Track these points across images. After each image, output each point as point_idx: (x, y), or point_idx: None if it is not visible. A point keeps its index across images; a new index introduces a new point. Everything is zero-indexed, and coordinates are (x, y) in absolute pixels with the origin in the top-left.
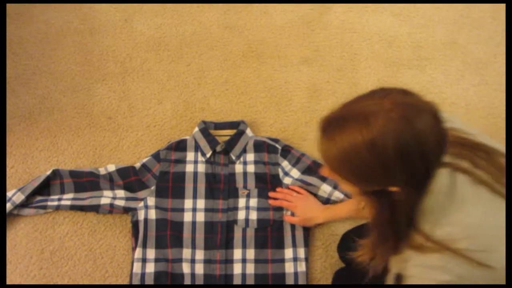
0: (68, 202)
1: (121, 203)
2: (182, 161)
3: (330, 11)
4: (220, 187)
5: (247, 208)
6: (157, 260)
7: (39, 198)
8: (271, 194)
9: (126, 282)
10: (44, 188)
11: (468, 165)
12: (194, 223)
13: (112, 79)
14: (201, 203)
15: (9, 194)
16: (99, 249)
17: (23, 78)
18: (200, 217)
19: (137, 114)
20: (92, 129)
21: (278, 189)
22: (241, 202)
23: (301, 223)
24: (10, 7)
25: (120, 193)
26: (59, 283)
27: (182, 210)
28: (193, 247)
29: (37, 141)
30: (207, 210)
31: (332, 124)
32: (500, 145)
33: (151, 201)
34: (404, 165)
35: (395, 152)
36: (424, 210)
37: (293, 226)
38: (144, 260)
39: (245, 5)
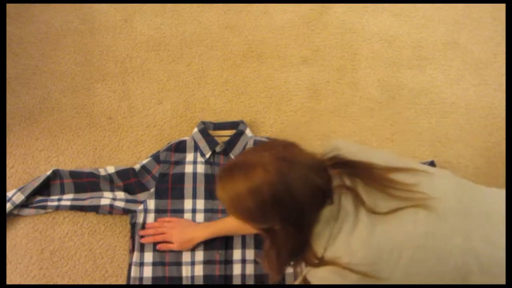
0: (68, 203)
1: (120, 204)
2: (182, 162)
3: (330, 11)
4: None
5: None
6: (154, 264)
7: (39, 198)
8: (141, 232)
9: (125, 282)
10: (44, 188)
11: (350, 183)
12: None
13: (112, 79)
14: (200, 204)
15: (9, 194)
16: (99, 249)
17: (23, 78)
18: (200, 217)
19: (137, 114)
20: (92, 129)
21: (147, 225)
22: None
23: (181, 247)
24: (10, 7)
25: (120, 194)
26: (59, 283)
27: (182, 211)
28: (193, 248)
29: (37, 141)
30: (206, 210)
31: (224, 174)
32: (380, 157)
33: (151, 204)
34: (279, 209)
35: (270, 199)
36: (315, 236)
37: None
38: (141, 264)
39: (245, 5)
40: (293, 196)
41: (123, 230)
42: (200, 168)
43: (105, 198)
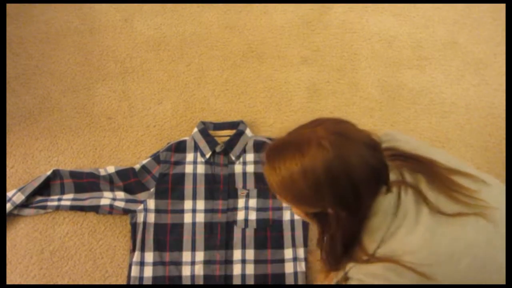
0: (68, 203)
1: (120, 204)
2: (182, 162)
3: (330, 11)
4: (220, 187)
5: (246, 208)
6: (155, 264)
7: (39, 198)
8: None
9: (126, 282)
10: (44, 188)
11: (411, 179)
12: (194, 224)
13: (112, 79)
14: (200, 204)
15: (9, 194)
16: (99, 249)
17: (23, 78)
18: (200, 218)
19: (137, 114)
20: (92, 129)
21: None
22: (241, 202)
23: None
24: (10, 7)
25: (120, 194)
26: (59, 283)
27: (182, 211)
28: (193, 249)
29: (37, 141)
30: (206, 211)
31: (273, 153)
32: (442, 157)
33: (151, 204)
34: (333, 189)
35: (324, 177)
36: (369, 230)
37: (292, 226)
38: (142, 264)
39: (245, 5)
40: (350, 174)
41: (123, 230)
42: (200, 169)
43: (105, 198)
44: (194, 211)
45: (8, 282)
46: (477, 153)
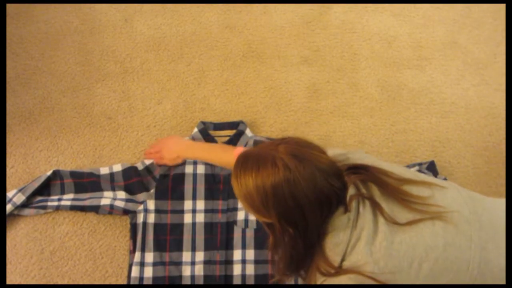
0: (68, 203)
1: (121, 204)
2: (182, 163)
3: (330, 11)
4: (220, 187)
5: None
6: (155, 264)
7: (39, 198)
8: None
9: (125, 282)
10: (44, 188)
11: (366, 192)
12: (194, 224)
13: (112, 79)
14: (200, 204)
15: (9, 194)
16: (99, 249)
17: (23, 78)
18: (200, 218)
19: (137, 114)
20: (92, 129)
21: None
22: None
23: (170, 162)
24: (10, 7)
25: (121, 194)
26: (59, 283)
27: (182, 211)
28: (193, 249)
29: (37, 141)
30: (206, 211)
31: (238, 165)
32: (393, 169)
33: (151, 204)
34: (278, 207)
35: (271, 195)
36: (331, 244)
37: None
38: (142, 264)
39: (245, 5)
40: (296, 197)
41: (123, 230)
42: (200, 169)
43: (105, 198)
44: (194, 211)
45: (8, 282)
46: (477, 153)
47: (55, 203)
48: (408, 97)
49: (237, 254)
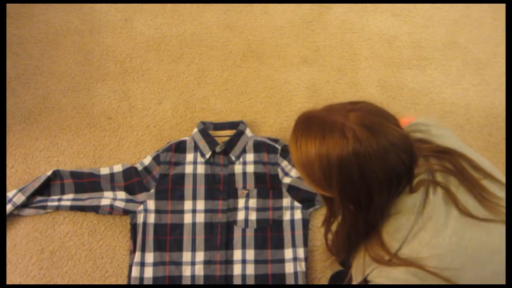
0: (68, 203)
1: (121, 204)
2: (182, 163)
3: (330, 11)
4: (220, 187)
5: (247, 208)
6: (155, 264)
7: (39, 198)
8: None
9: (126, 282)
10: (45, 188)
11: (442, 179)
12: (194, 224)
13: (112, 79)
14: (200, 204)
15: (9, 194)
16: (99, 249)
17: (23, 78)
18: (200, 218)
19: (137, 114)
20: (92, 129)
21: None
22: (241, 202)
23: None
24: (10, 7)
25: (121, 194)
26: (59, 283)
27: (182, 211)
28: (193, 249)
29: (37, 141)
30: (207, 211)
31: (300, 128)
32: (462, 147)
33: (151, 204)
34: (343, 182)
35: (336, 169)
36: (391, 228)
37: (292, 226)
38: (142, 264)
39: (245, 5)
40: (364, 173)
41: (123, 230)
42: (200, 169)
43: (106, 198)
44: (194, 211)
45: (8, 282)
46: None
47: (55, 203)
48: (408, 97)
49: (237, 254)
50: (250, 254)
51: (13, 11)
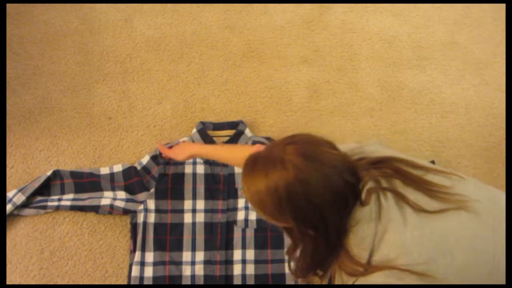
0: (68, 203)
1: (121, 204)
2: (181, 163)
3: (330, 11)
4: (220, 187)
5: (247, 208)
6: (155, 264)
7: (39, 198)
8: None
9: (126, 282)
10: (45, 188)
11: (387, 184)
12: (194, 224)
13: (112, 79)
14: (200, 204)
15: (9, 194)
16: (99, 249)
17: (23, 78)
18: (200, 218)
19: (137, 114)
20: (92, 129)
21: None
22: (241, 202)
23: (180, 156)
24: (10, 7)
25: (121, 194)
26: (59, 283)
27: (182, 211)
28: (193, 249)
29: (37, 141)
30: (206, 211)
31: (247, 169)
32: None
33: (151, 204)
34: (295, 210)
35: (286, 198)
36: (356, 240)
37: None
38: (142, 264)
39: (245, 5)
40: (310, 198)
41: (123, 230)
42: (200, 169)
43: (106, 198)
44: (194, 211)
45: (8, 282)
46: (477, 153)
47: (55, 203)
48: (408, 97)
49: (237, 254)
50: (250, 254)
51: (13, 11)
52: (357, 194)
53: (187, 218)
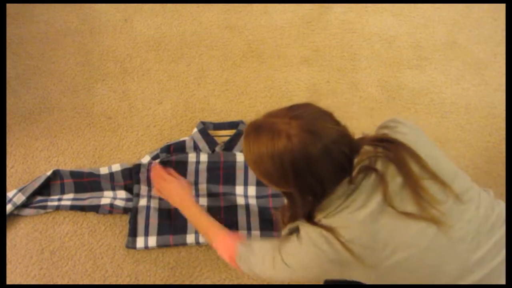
0: (68, 202)
1: (121, 203)
2: (184, 152)
3: (330, 11)
4: (220, 173)
5: (246, 197)
6: (159, 247)
7: (39, 198)
8: (152, 167)
9: (126, 282)
10: (45, 188)
11: (381, 169)
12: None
13: (112, 79)
14: (203, 189)
15: (9, 194)
16: (99, 249)
17: (23, 78)
18: (203, 201)
19: (137, 114)
20: (92, 129)
21: (154, 167)
22: (239, 190)
23: (163, 193)
24: (10, 7)
25: (121, 193)
26: (59, 283)
27: None
28: (197, 231)
29: (37, 141)
30: (210, 195)
31: (251, 132)
32: (430, 156)
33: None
34: (298, 180)
35: (289, 168)
36: (322, 206)
37: None
38: (146, 248)
39: (245, 5)
40: (314, 170)
41: (123, 230)
42: (204, 157)
43: (106, 198)
44: (197, 196)
45: (8, 282)
46: (477, 153)
47: (55, 203)
48: (408, 97)
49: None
50: (257, 235)
51: (13, 11)
52: (351, 166)
53: None
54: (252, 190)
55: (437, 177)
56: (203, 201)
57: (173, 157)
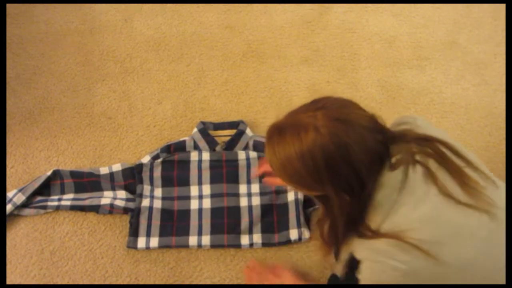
0: (68, 203)
1: (121, 203)
2: (186, 150)
3: (330, 11)
4: (224, 171)
5: (249, 195)
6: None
7: (39, 198)
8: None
9: (126, 282)
10: (45, 188)
11: (422, 159)
12: (200, 210)
13: (112, 79)
14: (206, 189)
15: (9, 194)
16: (99, 249)
17: (23, 78)
18: (207, 203)
19: (137, 114)
20: (92, 129)
21: (250, 265)
22: (242, 188)
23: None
24: (10, 7)
25: (121, 193)
26: (59, 283)
27: (188, 197)
28: (199, 233)
29: (37, 141)
30: (213, 195)
31: (274, 134)
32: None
33: (158, 192)
34: (333, 175)
35: (323, 163)
36: (374, 204)
37: (297, 206)
38: (147, 248)
39: (245, 5)
40: (349, 160)
41: (123, 230)
42: (206, 156)
43: (106, 198)
44: (200, 197)
45: (8, 282)
46: (477, 153)
47: (55, 203)
48: (408, 97)
49: (244, 240)
50: (258, 238)
51: (13, 11)
52: (388, 153)
53: (194, 204)
54: (255, 188)
55: (470, 163)
56: (207, 203)
57: (175, 156)
